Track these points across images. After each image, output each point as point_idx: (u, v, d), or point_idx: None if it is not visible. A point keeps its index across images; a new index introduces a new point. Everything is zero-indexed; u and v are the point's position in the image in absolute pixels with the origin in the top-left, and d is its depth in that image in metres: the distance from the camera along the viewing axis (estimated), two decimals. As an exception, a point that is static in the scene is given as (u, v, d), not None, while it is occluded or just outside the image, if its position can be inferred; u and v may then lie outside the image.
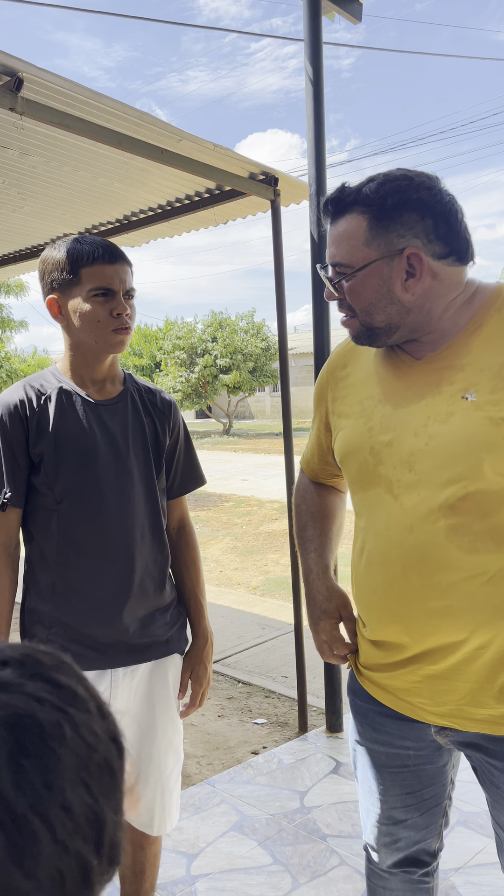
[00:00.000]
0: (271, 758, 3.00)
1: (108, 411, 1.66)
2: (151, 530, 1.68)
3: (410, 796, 1.36)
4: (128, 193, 3.59)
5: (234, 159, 3.03)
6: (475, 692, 1.19)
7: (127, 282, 1.60)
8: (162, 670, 1.69)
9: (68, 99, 2.47)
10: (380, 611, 1.27)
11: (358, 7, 3.06)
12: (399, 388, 1.25)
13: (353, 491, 1.33)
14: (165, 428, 1.73)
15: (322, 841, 2.39)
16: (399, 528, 1.21)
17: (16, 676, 0.39)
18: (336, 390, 1.40)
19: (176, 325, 26.53)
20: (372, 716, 1.37)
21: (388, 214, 1.17)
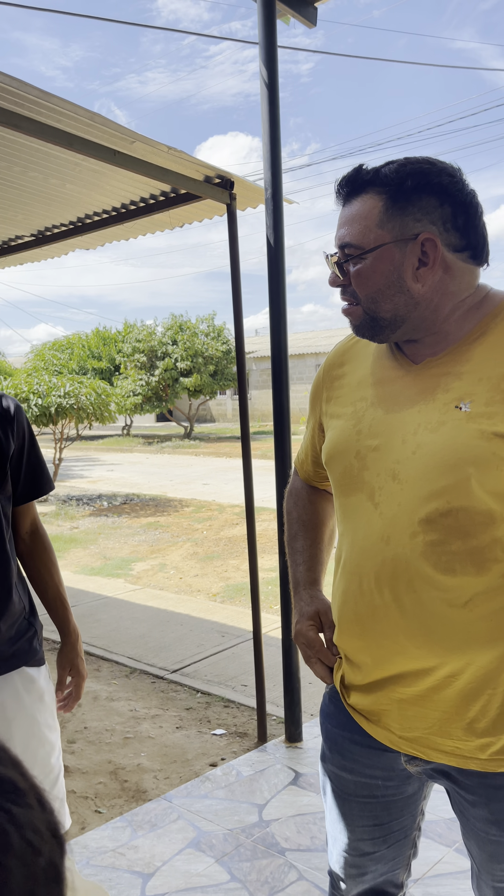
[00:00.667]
0: (230, 770, 2.95)
1: None
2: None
3: (378, 828, 1.31)
4: (81, 195, 3.52)
5: (189, 162, 2.98)
6: (443, 721, 1.14)
7: None
8: (11, 686, 1.64)
9: (17, 98, 2.39)
10: (348, 622, 1.22)
11: (313, 11, 3.05)
12: (393, 392, 1.19)
13: (336, 495, 1.27)
14: (8, 433, 1.68)
15: (280, 855, 2.36)
16: (376, 538, 1.15)
17: None
18: (331, 390, 1.33)
19: (135, 328, 26.31)
20: (342, 742, 1.32)
21: (405, 196, 1.11)
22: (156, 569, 7.06)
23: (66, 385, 11.53)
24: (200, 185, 3.14)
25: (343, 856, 1.36)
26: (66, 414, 11.47)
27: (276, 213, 2.95)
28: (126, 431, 27.73)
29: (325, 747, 1.37)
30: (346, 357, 1.34)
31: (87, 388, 11.79)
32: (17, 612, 1.67)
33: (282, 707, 3.33)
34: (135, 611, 5.51)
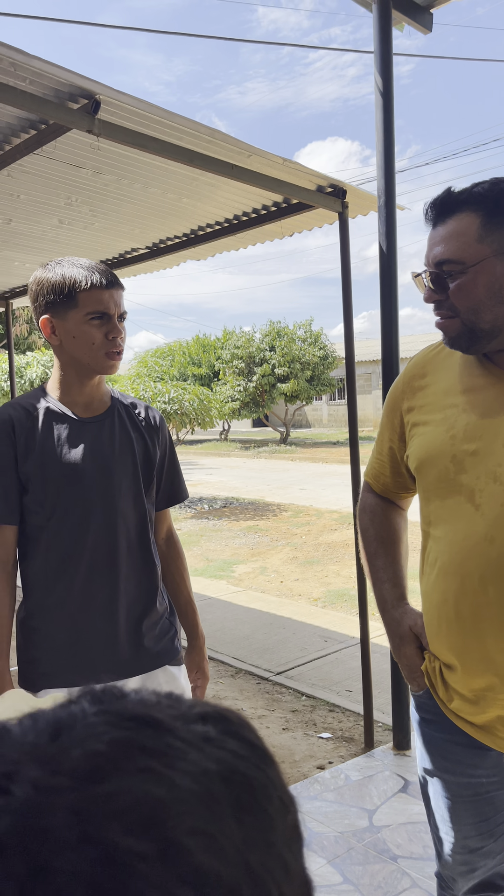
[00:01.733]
0: (338, 773, 2.97)
1: (95, 428, 1.70)
2: (139, 544, 1.71)
3: (484, 824, 1.34)
4: (196, 208, 3.64)
5: (303, 173, 3.04)
6: None
7: (121, 306, 1.65)
8: (154, 683, 1.70)
9: (143, 119, 2.52)
10: (449, 623, 1.25)
11: (429, 17, 3.04)
12: (486, 399, 1.24)
13: (429, 499, 1.31)
14: (155, 441, 1.78)
15: (393, 862, 2.36)
16: (479, 538, 1.19)
17: (217, 732, 0.38)
18: (413, 399, 1.38)
19: (234, 335, 26.69)
20: (442, 744, 1.34)
21: (502, 212, 1.17)
22: (257, 571, 7.15)
23: (170, 391, 11.87)
24: (313, 195, 3.19)
25: (452, 855, 1.40)
26: (170, 419, 11.80)
27: (389, 221, 2.96)
28: (224, 436, 28.17)
29: (425, 752, 1.40)
30: (426, 368, 1.39)
31: (191, 394, 12.08)
32: (162, 612, 1.76)
33: (387, 714, 3.32)
34: (238, 612, 5.61)
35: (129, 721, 0.35)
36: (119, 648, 1.66)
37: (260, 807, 0.35)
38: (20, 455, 1.65)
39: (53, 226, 3.90)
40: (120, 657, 1.66)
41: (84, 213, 3.69)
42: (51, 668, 1.65)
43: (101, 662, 1.65)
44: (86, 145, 2.77)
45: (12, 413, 1.68)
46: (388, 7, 2.85)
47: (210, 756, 0.35)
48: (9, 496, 1.65)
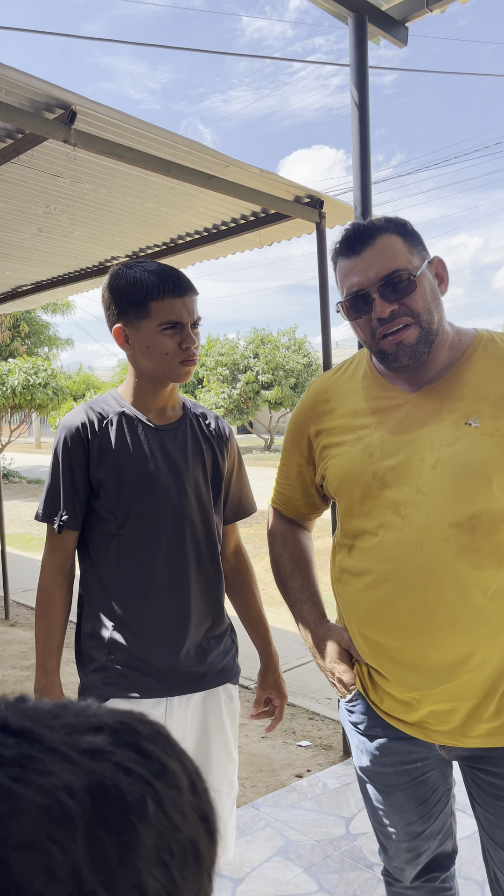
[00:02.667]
0: (316, 781, 2.97)
1: (169, 436, 1.66)
2: (209, 556, 1.67)
3: (424, 806, 1.43)
4: (174, 217, 3.66)
5: (280, 183, 3.06)
6: (477, 707, 1.27)
7: (195, 312, 1.61)
8: (215, 700, 1.67)
9: (119, 129, 2.53)
10: (383, 628, 1.31)
11: (404, 31, 3.08)
12: (397, 418, 1.34)
13: (352, 515, 1.37)
14: (224, 453, 1.74)
15: (368, 869, 2.36)
16: (409, 546, 1.27)
17: (107, 744, 0.38)
18: (321, 423, 1.45)
19: (218, 342, 26.74)
20: (376, 743, 1.41)
21: (409, 233, 1.33)
22: (239, 580, 7.15)
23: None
24: (290, 205, 3.21)
25: (397, 844, 1.47)
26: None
27: (366, 231, 2.98)
28: (208, 443, 28.16)
29: (360, 752, 1.46)
30: (329, 394, 1.47)
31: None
32: (226, 628, 1.72)
33: (367, 722, 3.33)
34: (219, 621, 5.60)
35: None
36: (186, 662, 1.62)
37: (127, 824, 0.35)
38: (93, 460, 1.61)
39: (32, 234, 3.90)
40: (186, 671, 1.62)
41: (63, 221, 3.69)
42: (117, 678, 1.59)
43: (166, 676, 1.60)
44: (63, 154, 2.77)
45: (86, 417, 1.64)
46: (364, 21, 2.88)
47: (81, 769, 0.35)
48: (75, 502, 1.62)
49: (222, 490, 1.73)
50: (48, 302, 5.92)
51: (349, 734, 1.50)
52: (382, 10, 2.97)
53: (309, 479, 1.53)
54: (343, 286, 1.33)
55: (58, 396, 16.43)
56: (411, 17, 3.03)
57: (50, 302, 6.21)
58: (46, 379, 16.07)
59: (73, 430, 1.62)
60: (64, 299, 19.30)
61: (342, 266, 1.33)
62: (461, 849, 2.32)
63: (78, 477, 1.62)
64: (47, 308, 20.30)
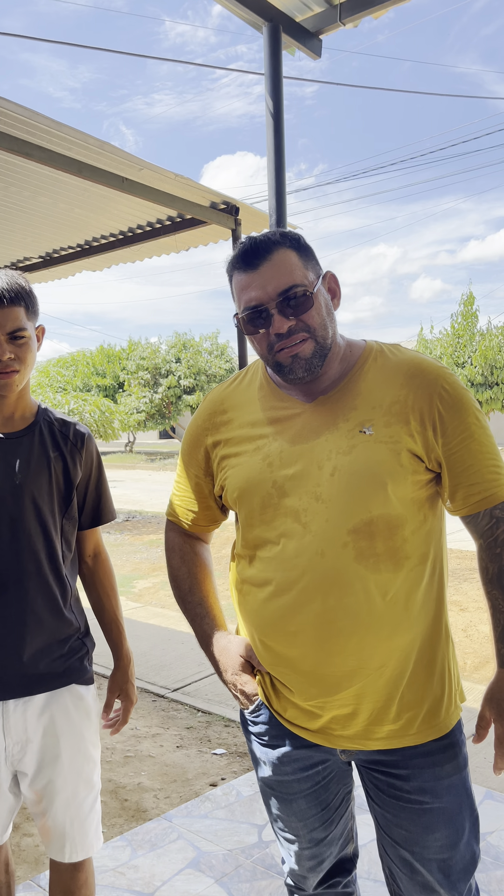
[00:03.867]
0: (230, 790, 2.96)
1: (10, 445, 1.66)
2: (48, 563, 1.68)
3: (326, 811, 1.45)
4: (89, 220, 3.59)
5: (196, 189, 3.05)
6: (379, 711, 1.31)
7: (8, 325, 1.58)
8: (61, 701, 1.68)
9: (28, 127, 2.47)
10: (287, 636, 1.32)
11: (318, 43, 3.13)
12: (294, 427, 1.36)
13: (252, 524, 1.38)
14: (77, 461, 1.75)
15: (280, 876, 2.36)
16: (310, 554, 1.29)
17: None
18: (218, 434, 1.46)
19: (140, 346, 26.48)
20: (278, 751, 1.42)
21: (305, 247, 1.34)
22: (158, 587, 7.08)
23: (69, 403, 11.61)
24: (206, 211, 3.21)
25: (300, 853, 1.48)
26: (70, 431, 11.55)
27: (280, 239, 3.01)
28: (129, 448, 27.82)
29: (262, 762, 1.47)
30: (225, 405, 1.48)
31: (91, 405, 11.87)
32: (73, 631, 1.72)
33: (282, 727, 3.34)
34: (136, 629, 5.52)
35: None
36: (25, 666, 1.63)
37: None
38: None
39: None
40: (26, 674, 1.63)
41: (-29, 219, 3.57)
42: None
43: (3, 678, 1.61)
44: (-32, 151, 2.67)
45: None
46: (278, 31, 2.91)
47: None
48: None
49: (73, 497, 1.74)
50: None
51: (251, 745, 1.50)
52: (297, 21, 3.01)
53: (207, 491, 1.53)
54: (240, 300, 1.33)
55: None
56: (325, 29, 3.08)
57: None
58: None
59: None
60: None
61: (238, 280, 1.33)
62: (370, 851, 2.35)
63: None
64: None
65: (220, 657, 1.47)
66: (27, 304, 1.63)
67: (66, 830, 1.70)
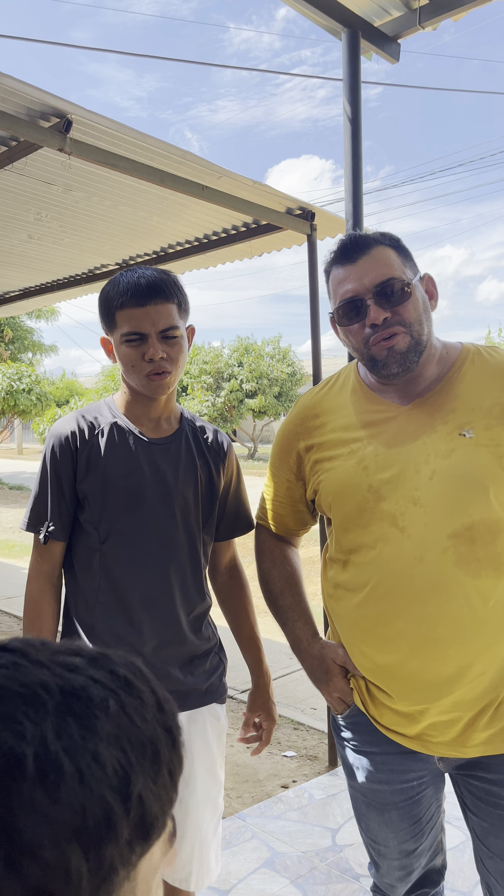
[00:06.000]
0: (302, 792, 2.97)
1: (161, 451, 1.60)
2: (192, 576, 1.62)
3: (417, 825, 1.42)
4: (166, 227, 3.67)
5: (272, 195, 3.08)
6: (475, 717, 1.29)
7: (161, 322, 1.49)
8: (200, 721, 1.63)
9: (114, 139, 2.54)
10: (384, 641, 1.31)
11: (396, 47, 3.12)
12: (389, 431, 1.34)
13: (348, 529, 1.37)
14: (220, 469, 1.68)
15: (355, 881, 2.36)
16: (409, 559, 1.27)
17: (83, 663, 0.47)
18: (311, 438, 1.46)
19: (202, 350, 26.74)
20: (374, 758, 1.40)
21: (403, 249, 1.36)
22: (223, 589, 7.13)
23: (136, 405, 11.80)
24: (282, 217, 3.23)
25: (391, 864, 1.47)
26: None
27: (357, 244, 3.01)
28: (191, 451, 28.08)
29: (355, 768, 1.44)
30: (318, 409, 1.48)
31: (157, 408, 12.04)
32: (212, 647, 1.67)
33: (353, 732, 3.33)
34: (203, 630, 5.58)
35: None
36: (169, 682, 1.57)
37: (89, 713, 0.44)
38: (80, 471, 1.55)
39: (22, 240, 3.89)
40: (173, 690, 1.57)
41: (54, 228, 3.69)
42: None
43: None
44: (57, 162, 2.77)
45: (77, 425, 1.58)
46: (357, 37, 2.92)
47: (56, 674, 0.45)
48: (62, 512, 1.57)
49: (216, 507, 1.68)
50: (35, 308, 5.90)
51: (343, 752, 1.49)
52: (375, 27, 3.01)
53: (298, 495, 1.52)
54: (336, 294, 1.35)
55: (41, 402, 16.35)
56: (403, 33, 3.07)
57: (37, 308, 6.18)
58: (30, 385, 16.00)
59: (62, 439, 1.56)
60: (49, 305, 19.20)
61: (336, 274, 1.35)
62: (448, 860, 2.33)
63: (66, 487, 1.56)
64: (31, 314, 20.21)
65: (313, 662, 1.47)
66: (179, 302, 1.54)
67: (193, 856, 1.62)
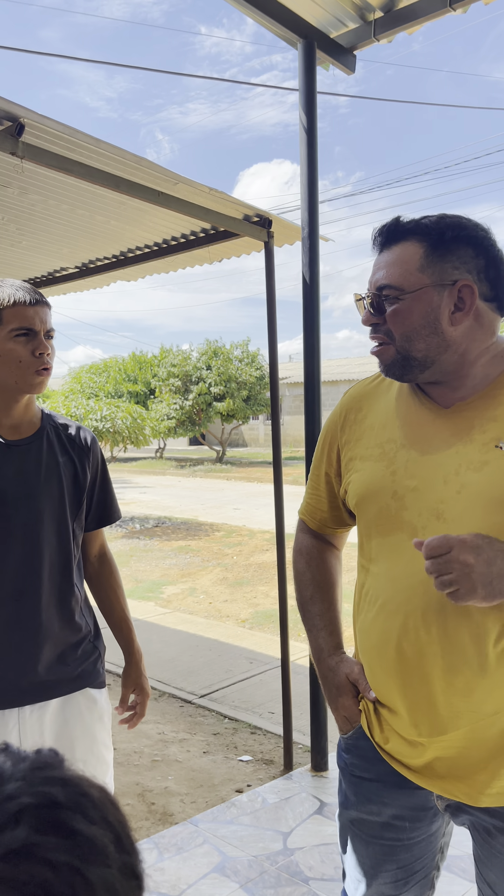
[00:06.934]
0: (255, 797, 2.98)
1: (21, 451, 1.67)
2: (61, 570, 1.70)
3: (402, 871, 1.32)
4: (125, 231, 3.66)
5: (229, 202, 3.10)
6: (488, 760, 1.16)
7: (47, 322, 1.63)
8: (75, 705, 1.70)
9: (68, 143, 2.53)
10: (390, 661, 1.23)
11: (352, 59, 3.16)
12: (425, 435, 1.23)
13: (369, 535, 1.29)
14: (85, 464, 1.76)
15: (304, 884, 2.38)
16: (422, 576, 1.15)
17: (32, 833, 0.38)
18: (350, 432, 1.37)
19: (171, 353, 26.68)
20: (369, 786, 1.32)
21: (445, 245, 1.18)
22: (186, 593, 7.13)
23: (102, 409, 11.76)
24: (239, 224, 3.25)
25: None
26: (103, 437, 11.69)
27: (312, 252, 3.05)
28: (159, 454, 28.01)
29: (349, 794, 1.36)
30: (363, 402, 1.38)
31: (124, 412, 12.00)
32: (85, 635, 1.75)
33: (307, 735, 3.35)
34: (165, 634, 5.58)
35: None
36: (39, 672, 1.65)
37: None
38: None
39: (-21, 242, 3.85)
40: (41, 680, 1.65)
41: (11, 231, 3.66)
42: None
43: (20, 685, 1.63)
44: (11, 166, 2.76)
45: None
46: (313, 47, 2.95)
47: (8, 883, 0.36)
48: None
49: (83, 500, 1.76)
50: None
51: (341, 775, 1.40)
52: (331, 38, 3.05)
53: (337, 490, 1.42)
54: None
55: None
56: (360, 45, 3.11)
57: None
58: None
59: None
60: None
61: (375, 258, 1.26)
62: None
63: None
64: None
65: (326, 676, 1.39)
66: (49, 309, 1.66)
67: None
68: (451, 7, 2.73)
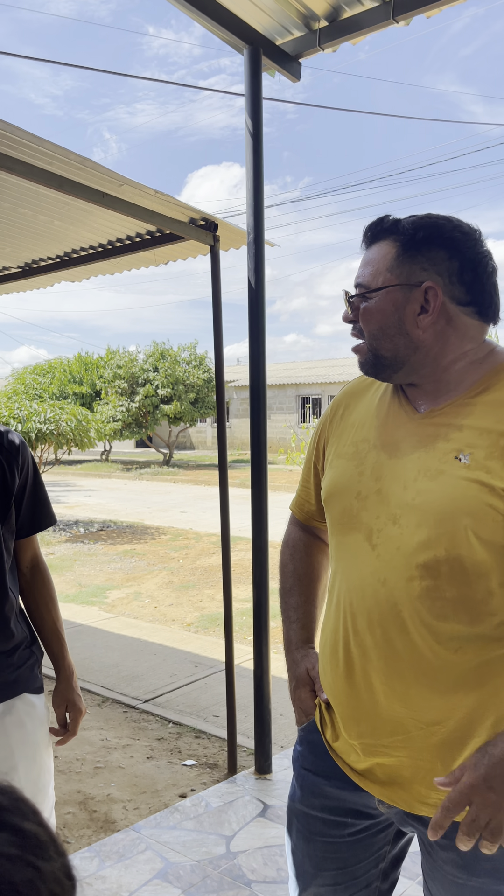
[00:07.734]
0: (199, 801, 2.97)
1: None
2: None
3: (342, 873, 1.31)
4: (69, 232, 3.62)
5: (175, 205, 3.09)
6: (427, 771, 1.16)
7: None
8: (14, 711, 1.68)
9: (9, 142, 2.49)
10: (337, 662, 1.24)
11: (297, 66, 3.19)
12: (396, 438, 1.22)
13: (332, 533, 1.30)
14: (14, 468, 1.73)
15: (246, 887, 2.38)
16: (372, 579, 1.17)
17: None
18: (335, 428, 1.37)
19: (117, 354, 26.40)
20: (316, 781, 1.33)
21: (416, 245, 1.17)
22: (131, 597, 7.06)
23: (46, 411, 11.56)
24: (185, 227, 3.25)
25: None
26: (46, 440, 11.49)
27: (258, 257, 3.06)
28: (105, 457, 27.67)
29: (296, 785, 1.37)
30: (351, 399, 1.39)
31: (68, 414, 11.83)
32: (18, 641, 1.71)
33: (253, 738, 3.36)
34: (108, 639, 5.51)
35: None
36: None
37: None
38: None
39: None
40: None
41: (-50, 228, 3.58)
42: None
43: None
44: (-50, 162, 2.69)
45: None
46: (258, 54, 2.97)
47: None
48: None
49: (12, 504, 1.72)
50: None
51: (292, 763, 1.41)
52: (276, 45, 3.08)
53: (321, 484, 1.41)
54: None
55: None
56: (305, 53, 3.14)
57: None
58: None
59: None
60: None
61: None
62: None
63: None
64: None
65: (290, 668, 1.42)
66: None
67: None
68: (395, 19, 2.79)
